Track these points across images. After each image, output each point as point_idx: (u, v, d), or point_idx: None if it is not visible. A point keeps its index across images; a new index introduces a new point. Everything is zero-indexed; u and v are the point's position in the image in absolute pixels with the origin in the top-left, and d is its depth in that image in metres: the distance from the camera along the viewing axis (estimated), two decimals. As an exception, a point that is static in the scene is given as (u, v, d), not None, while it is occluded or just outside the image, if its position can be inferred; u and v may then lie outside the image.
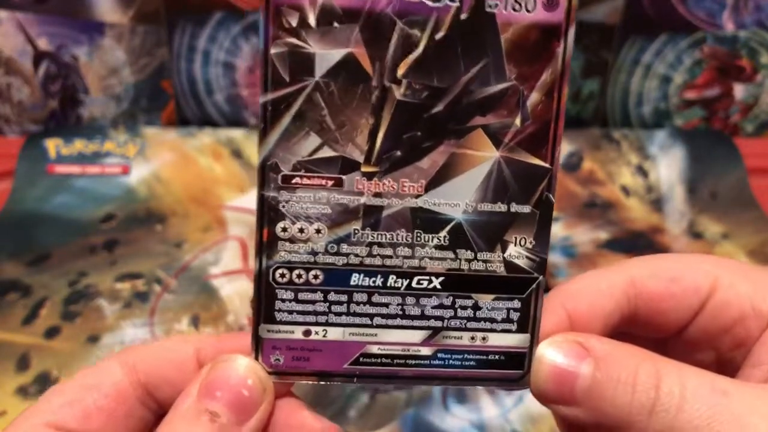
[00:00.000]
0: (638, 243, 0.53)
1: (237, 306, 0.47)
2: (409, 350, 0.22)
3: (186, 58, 0.59)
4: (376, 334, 0.22)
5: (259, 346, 0.22)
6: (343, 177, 0.21)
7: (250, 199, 0.56)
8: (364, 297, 0.22)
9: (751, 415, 0.19)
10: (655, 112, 0.63)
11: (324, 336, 0.22)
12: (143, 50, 0.59)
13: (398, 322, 0.22)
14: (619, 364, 0.20)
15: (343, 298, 0.22)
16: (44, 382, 0.42)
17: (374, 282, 0.22)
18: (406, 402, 0.41)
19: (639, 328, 0.24)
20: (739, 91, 0.62)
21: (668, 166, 0.59)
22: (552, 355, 0.21)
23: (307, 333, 0.22)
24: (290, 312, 0.22)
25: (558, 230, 0.54)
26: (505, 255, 0.22)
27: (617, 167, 0.59)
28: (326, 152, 0.21)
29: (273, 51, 0.20)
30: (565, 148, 0.60)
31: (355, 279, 0.22)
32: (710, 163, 0.59)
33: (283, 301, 0.22)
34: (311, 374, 0.22)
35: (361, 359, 0.22)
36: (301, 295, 0.22)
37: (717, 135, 0.62)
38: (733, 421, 0.19)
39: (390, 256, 0.21)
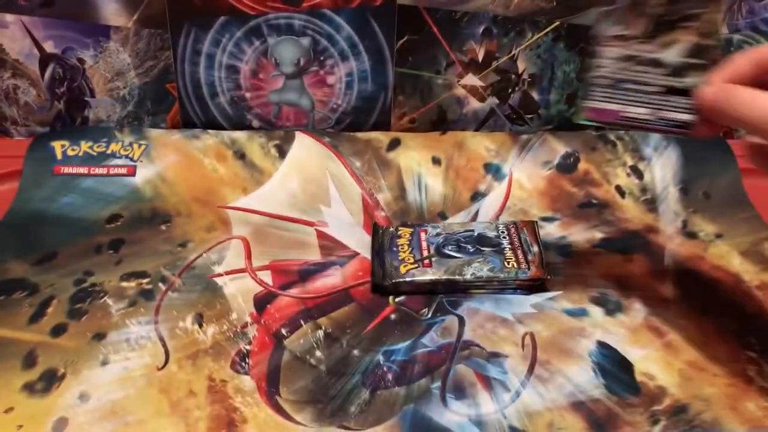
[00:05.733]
0: (633, 242, 0.53)
1: (240, 304, 0.48)
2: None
3: (190, 61, 0.59)
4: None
5: None
6: None
7: (252, 200, 0.56)
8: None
9: None
10: (651, 114, 0.63)
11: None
12: (148, 53, 0.59)
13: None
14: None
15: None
16: (50, 379, 0.42)
17: None
18: (406, 398, 0.42)
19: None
20: (734, 93, 0.62)
21: (663, 167, 0.59)
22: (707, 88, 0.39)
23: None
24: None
25: (554, 230, 0.55)
26: None
27: (612, 168, 0.59)
28: None
29: None
30: (561, 149, 0.60)
31: None
32: (704, 163, 0.59)
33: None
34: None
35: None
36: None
37: (711, 136, 0.63)
38: None
39: None
